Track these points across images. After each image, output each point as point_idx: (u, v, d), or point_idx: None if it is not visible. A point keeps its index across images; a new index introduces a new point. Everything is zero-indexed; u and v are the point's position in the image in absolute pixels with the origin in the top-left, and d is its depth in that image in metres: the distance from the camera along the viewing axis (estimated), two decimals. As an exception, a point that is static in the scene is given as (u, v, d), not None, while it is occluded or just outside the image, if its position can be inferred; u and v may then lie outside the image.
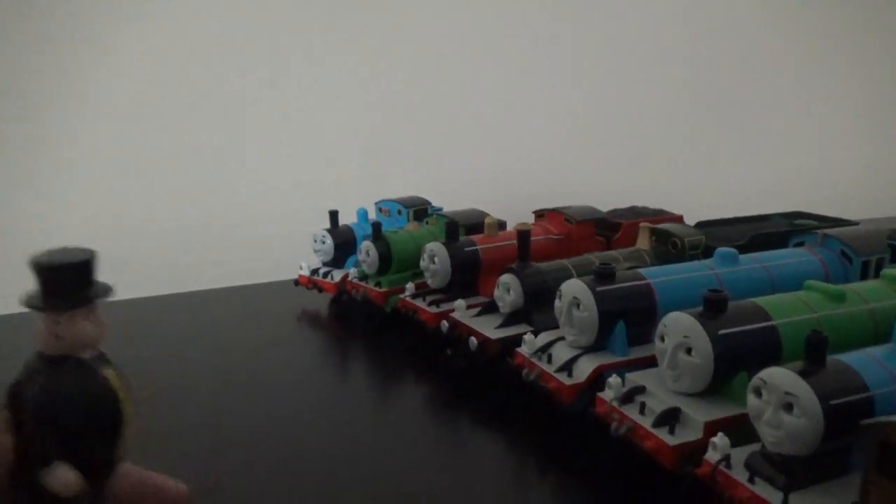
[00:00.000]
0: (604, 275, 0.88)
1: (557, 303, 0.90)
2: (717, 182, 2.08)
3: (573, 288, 0.87)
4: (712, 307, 0.74)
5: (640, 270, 0.92)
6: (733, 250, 0.95)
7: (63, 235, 1.49)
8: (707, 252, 1.08)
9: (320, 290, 1.37)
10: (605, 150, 1.98)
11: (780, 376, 0.60)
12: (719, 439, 0.64)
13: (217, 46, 1.56)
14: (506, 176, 1.85)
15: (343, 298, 1.39)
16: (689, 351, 0.73)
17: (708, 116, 2.10)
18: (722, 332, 0.72)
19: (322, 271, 1.38)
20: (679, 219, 1.31)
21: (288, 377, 1.05)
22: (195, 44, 1.55)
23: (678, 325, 0.74)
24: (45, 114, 1.47)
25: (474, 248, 1.16)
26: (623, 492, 0.75)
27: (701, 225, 1.25)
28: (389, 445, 0.85)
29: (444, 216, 1.32)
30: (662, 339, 0.76)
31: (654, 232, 1.13)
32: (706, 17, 2.03)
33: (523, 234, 1.02)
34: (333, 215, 1.39)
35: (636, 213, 1.32)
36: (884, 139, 2.36)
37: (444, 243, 1.14)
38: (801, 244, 1.07)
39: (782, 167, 2.20)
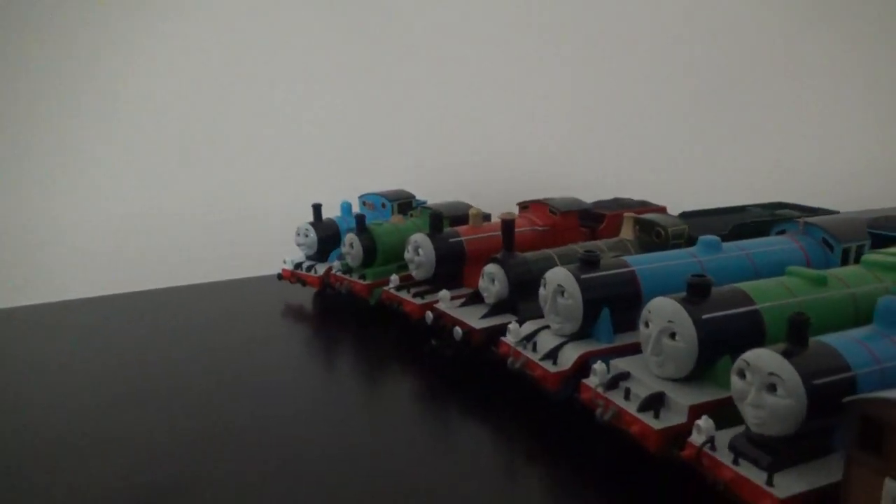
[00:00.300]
0: (588, 262, 0.87)
1: (542, 291, 0.90)
2: (698, 174, 2.09)
3: (557, 276, 0.87)
4: (696, 292, 0.74)
5: (625, 258, 0.92)
6: (716, 238, 0.95)
7: (45, 232, 1.48)
8: (690, 241, 1.09)
9: (304, 283, 1.36)
10: (587, 142, 1.99)
11: (763, 357, 0.60)
12: (703, 422, 0.64)
13: (203, 43, 1.54)
14: (489, 169, 1.85)
15: (327, 292, 1.38)
16: (673, 336, 0.73)
17: (689, 111, 2.11)
18: (706, 316, 0.72)
19: (305, 265, 1.37)
20: (662, 210, 1.32)
21: (274, 372, 1.04)
22: (179, 40, 1.53)
23: (662, 310, 0.74)
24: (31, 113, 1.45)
25: (459, 239, 1.16)
26: (609, 476, 0.75)
27: (684, 215, 1.25)
28: (377, 437, 0.84)
29: (428, 208, 1.32)
30: (647, 325, 0.76)
31: (637, 222, 1.13)
32: (691, 9, 2.04)
33: (508, 224, 1.02)
34: (317, 209, 1.38)
35: (620, 205, 1.32)
36: (861, 133, 2.39)
37: (428, 235, 1.14)
38: (782, 232, 1.07)
39: (762, 159, 2.22)
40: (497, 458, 0.80)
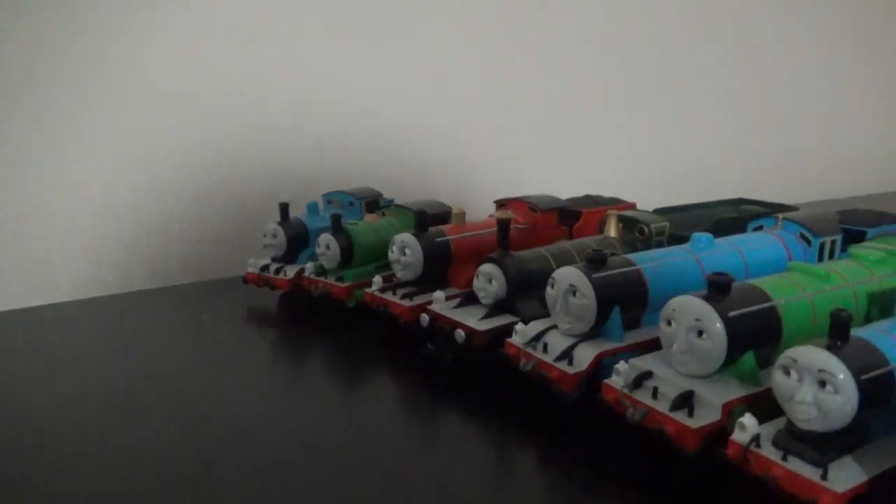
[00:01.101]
0: (596, 261, 0.87)
1: (550, 291, 0.89)
2: (651, 170, 2.15)
3: (569, 275, 0.86)
4: (718, 289, 0.75)
5: (627, 256, 0.92)
6: (709, 235, 0.97)
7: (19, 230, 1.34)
8: (671, 238, 1.11)
9: (272, 287, 1.30)
10: (545, 139, 2.00)
11: (811, 354, 0.61)
12: (747, 420, 0.64)
13: (175, 41, 1.44)
14: (452, 165, 1.83)
15: (294, 294, 1.32)
16: (700, 333, 0.73)
17: (642, 109, 2.16)
18: (732, 313, 0.73)
19: (273, 267, 1.30)
20: (633, 206, 1.34)
21: (252, 380, 0.99)
22: (148, 34, 1.42)
23: (687, 309, 0.74)
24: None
25: (445, 238, 1.13)
26: (627, 478, 0.74)
27: (658, 212, 1.28)
28: (377, 445, 0.80)
29: (403, 207, 1.28)
30: (669, 324, 0.76)
31: (620, 219, 1.14)
32: (651, 5, 2.08)
33: (503, 223, 1.00)
34: (284, 208, 1.31)
35: (594, 202, 1.33)
36: (809, 128, 2.52)
37: (414, 234, 1.11)
38: (759, 228, 1.11)
39: (716, 155, 2.30)
40: (507, 460, 0.78)
